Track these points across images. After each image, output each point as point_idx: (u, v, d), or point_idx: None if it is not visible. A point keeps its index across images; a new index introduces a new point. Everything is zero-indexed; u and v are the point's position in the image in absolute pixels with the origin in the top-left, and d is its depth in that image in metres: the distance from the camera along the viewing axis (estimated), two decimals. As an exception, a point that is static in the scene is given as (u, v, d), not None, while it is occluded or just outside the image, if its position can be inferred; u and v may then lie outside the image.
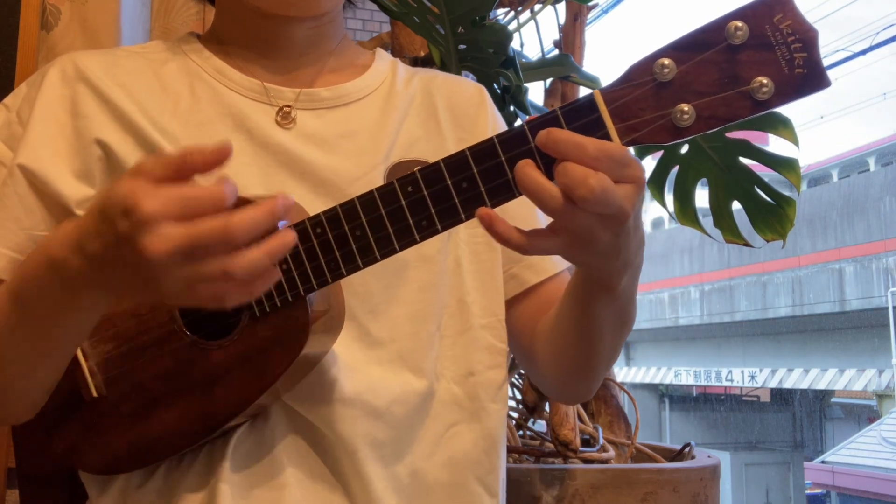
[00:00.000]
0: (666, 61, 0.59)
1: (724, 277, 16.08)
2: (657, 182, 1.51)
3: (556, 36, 1.71)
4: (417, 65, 1.53)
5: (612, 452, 1.46)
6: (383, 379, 0.81)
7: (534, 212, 0.86)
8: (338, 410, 0.78)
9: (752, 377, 16.28)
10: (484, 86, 0.97)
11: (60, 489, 0.85)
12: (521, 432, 1.59)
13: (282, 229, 0.59)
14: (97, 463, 0.79)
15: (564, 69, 1.53)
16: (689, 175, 1.46)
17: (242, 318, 0.72)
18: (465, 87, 0.95)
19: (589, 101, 0.61)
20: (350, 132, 0.85)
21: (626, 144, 0.61)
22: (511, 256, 0.90)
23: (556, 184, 0.60)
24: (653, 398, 17.92)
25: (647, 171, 1.50)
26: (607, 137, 0.61)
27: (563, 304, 0.80)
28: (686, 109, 0.59)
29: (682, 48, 0.59)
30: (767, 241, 1.45)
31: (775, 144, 1.46)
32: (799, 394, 16.37)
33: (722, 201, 1.45)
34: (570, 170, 0.59)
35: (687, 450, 1.52)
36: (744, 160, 1.42)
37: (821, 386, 15.09)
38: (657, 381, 18.07)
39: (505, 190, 0.63)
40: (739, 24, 0.58)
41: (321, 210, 0.68)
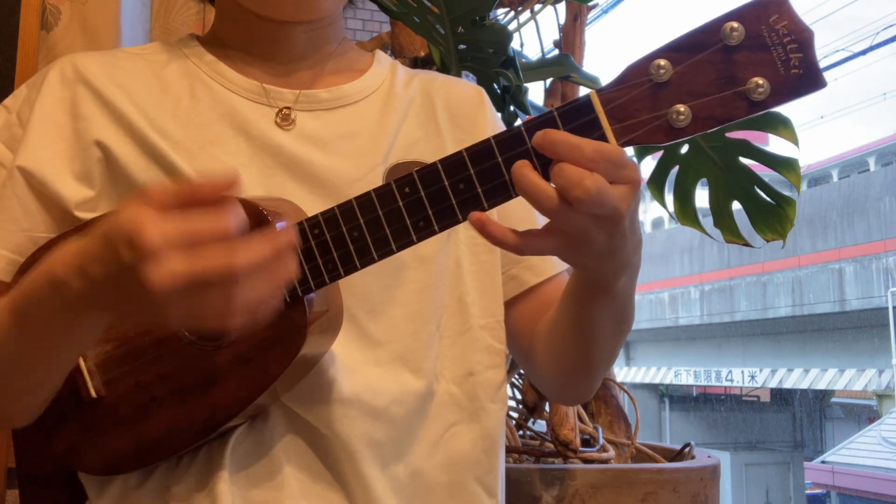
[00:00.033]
0: (662, 62, 0.59)
1: (724, 277, 16.08)
2: (657, 182, 1.51)
3: (556, 36, 1.71)
4: (417, 65, 1.53)
5: (612, 452, 1.46)
6: (382, 379, 0.81)
7: (532, 212, 0.86)
8: (337, 411, 0.78)
9: (752, 377, 16.27)
10: (484, 86, 0.97)
11: (60, 489, 0.85)
12: (521, 432, 1.59)
13: (285, 260, 0.59)
14: (96, 464, 0.79)
15: (564, 69, 1.53)
16: (689, 175, 1.46)
17: None
18: (464, 88, 0.95)
19: (585, 102, 0.61)
20: (349, 133, 0.85)
21: (623, 145, 0.61)
22: (510, 257, 0.90)
23: (552, 184, 0.60)
24: (653, 398, 17.91)
25: (647, 171, 1.50)
26: (604, 138, 0.61)
27: (562, 305, 0.80)
28: (682, 110, 0.59)
29: (678, 49, 0.59)
30: (767, 241, 1.45)
31: (775, 144, 1.46)
32: (799, 394, 16.36)
33: (722, 201, 1.45)
34: (565, 171, 0.59)
35: (687, 450, 1.52)
36: (744, 160, 1.42)
37: (821, 386, 15.09)
38: (657, 381, 18.06)
39: (502, 191, 0.63)
40: (735, 24, 0.58)
41: (320, 209, 0.68)
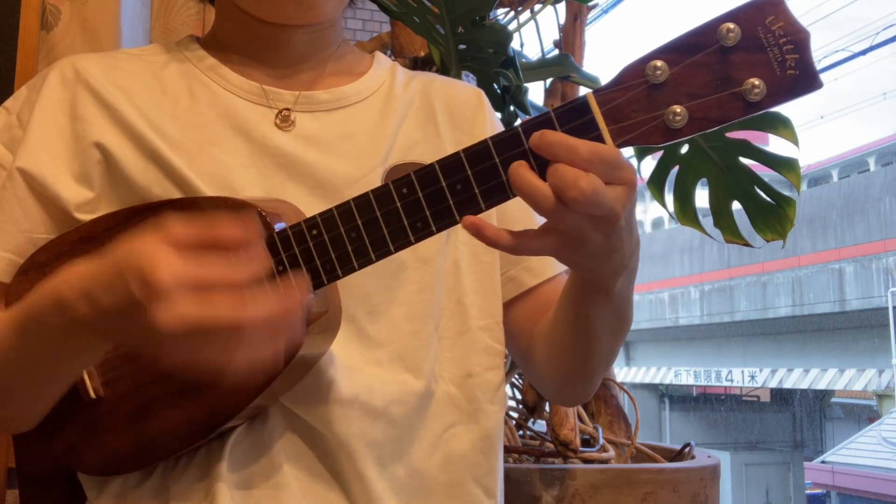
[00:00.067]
0: (658, 63, 0.59)
1: (724, 277, 16.07)
2: (657, 182, 1.51)
3: (556, 36, 1.71)
4: (417, 65, 1.53)
5: (612, 452, 1.46)
6: (381, 379, 0.81)
7: (531, 212, 0.86)
8: (336, 411, 0.78)
9: (752, 377, 16.27)
10: (484, 86, 0.98)
11: (60, 489, 0.85)
12: (521, 432, 1.59)
13: (294, 320, 0.59)
14: (96, 464, 0.79)
15: (564, 69, 1.53)
16: (689, 175, 1.46)
17: None
18: (463, 90, 0.95)
19: (582, 102, 0.61)
20: (348, 134, 0.85)
21: (619, 146, 0.61)
22: (509, 259, 0.90)
23: (548, 185, 0.60)
24: (653, 398, 17.91)
25: (647, 171, 1.50)
26: (600, 139, 0.61)
27: (560, 307, 0.80)
28: (678, 111, 0.60)
29: (675, 50, 0.60)
30: (767, 241, 1.45)
31: (775, 144, 1.46)
32: (799, 394, 16.36)
33: (722, 201, 1.45)
34: (561, 171, 0.59)
35: (687, 450, 1.52)
36: (744, 160, 1.42)
37: (821, 386, 15.08)
38: (657, 381, 18.06)
39: (499, 191, 0.63)
40: (731, 25, 0.58)
41: (318, 210, 0.68)
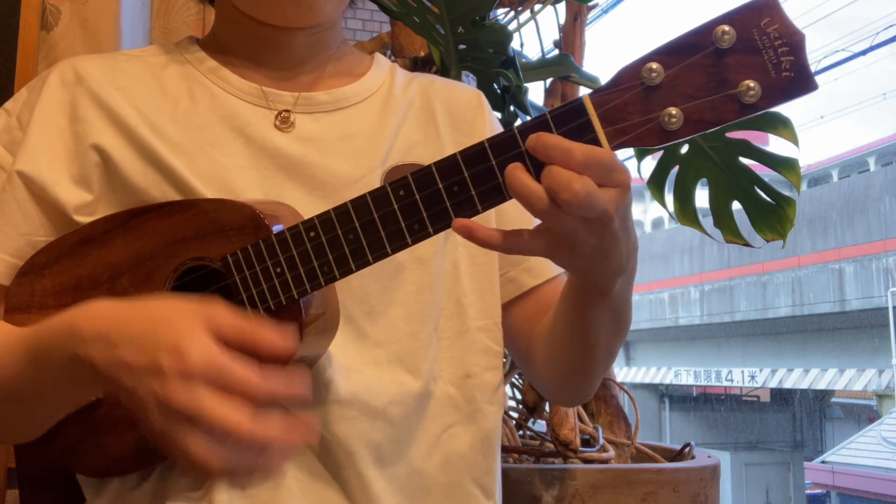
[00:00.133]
0: (654, 65, 0.60)
1: (724, 277, 16.07)
2: (657, 182, 1.51)
3: (556, 36, 1.71)
4: (417, 65, 1.53)
5: (612, 452, 1.46)
6: (380, 380, 0.81)
7: (528, 213, 0.86)
8: (335, 412, 0.78)
9: (752, 377, 16.27)
10: (484, 86, 0.98)
11: (60, 489, 0.85)
12: (521, 432, 1.59)
13: (284, 451, 0.59)
14: (94, 465, 0.79)
15: (564, 69, 1.53)
16: (689, 175, 1.46)
17: None
18: (463, 92, 0.96)
19: (578, 105, 0.61)
20: (348, 135, 0.85)
21: (615, 148, 0.61)
22: (509, 260, 0.90)
23: (542, 186, 0.60)
24: (653, 398, 17.91)
25: (647, 171, 1.50)
26: (596, 141, 0.61)
27: (559, 308, 0.80)
28: (674, 113, 0.60)
29: (670, 52, 0.60)
30: (767, 241, 1.45)
31: (775, 144, 1.46)
32: (799, 394, 16.36)
33: (722, 201, 1.45)
34: (554, 173, 0.59)
35: (687, 450, 1.52)
36: (744, 160, 1.42)
37: (821, 386, 15.08)
38: (657, 381, 18.06)
39: (496, 193, 0.63)
40: (727, 28, 0.58)
41: (318, 211, 0.68)
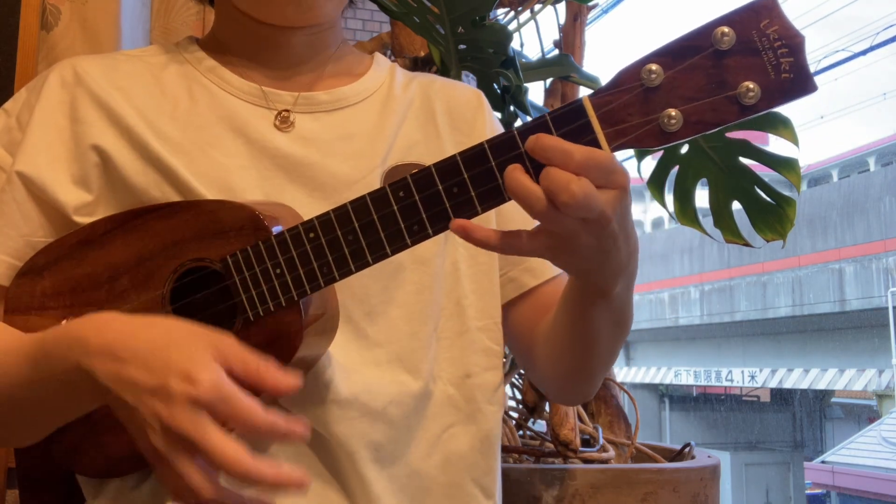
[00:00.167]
0: (653, 67, 0.60)
1: (724, 277, 16.07)
2: (657, 182, 1.51)
3: (556, 36, 1.71)
4: (417, 65, 1.53)
5: (612, 452, 1.46)
6: (380, 380, 0.81)
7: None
8: (335, 412, 0.78)
9: (752, 377, 16.26)
10: (484, 86, 0.98)
11: (60, 490, 0.85)
12: (521, 432, 1.59)
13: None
14: (94, 466, 0.79)
15: (564, 69, 1.53)
16: (689, 175, 1.46)
17: (236, 322, 0.72)
18: (462, 91, 0.95)
19: (577, 106, 0.61)
20: (347, 135, 0.85)
21: (614, 149, 0.61)
22: (510, 260, 0.90)
23: (541, 188, 0.60)
24: (653, 398, 17.90)
25: (647, 171, 1.50)
26: (595, 142, 0.61)
27: (559, 309, 0.80)
28: (673, 114, 0.60)
29: (670, 54, 0.60)
30: (767, 241, 1.45)
31: (775, 144, 1.46)
32: (799, 394, 16.35)
33: (722, 201, 1.45)
34: (553, 175, 0.59)
35: (687, 450, 1.52)
36: (744, 160, 1.42)
37: (821, 386, 15.08)
38: (657, 381, 18.06)
39: (495, 194, 0.63)
40: (726, 29, 0.58)
41: (318, 211, 0.68)
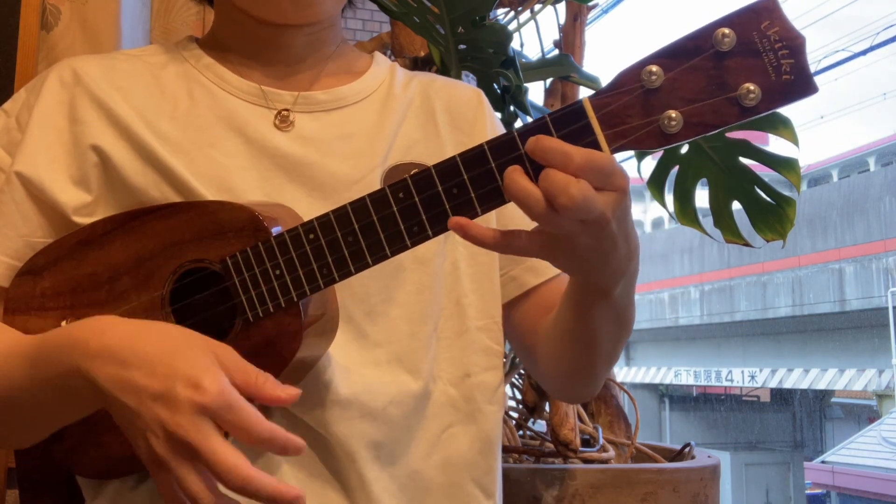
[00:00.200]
0: (654, 68, 0.59)
1: (724, 277, 16.07)
2: (657, 182, 1.51)
3: (556, 36, 1.71)
4: (417, 65, 1.53)
5: (612, 452, 1.46)
6: (380, 380, 0.81)
7: None
8: (335, 412, 0.78)
9: (752, 377, 16.26)
10: (484, 86, 0.97)
11: (60, 490, 0.85)
12: (521, 432, 1.59)
13: None
14: (94, 467, 0.79)
15: (564, 69, 1.53)
16: (689, 175, 1.46)
17: (236, 323, 0.72)
18: (463, 90, 0.95)
19: (578, 107, 0.61)
20: (347, 135, 0.85)
21: (614, 151, 0.61)
22: (510, 259, 0.90)
23: (540, 189, 0.60)
24: (653, 398, 17.90)
25: (647, 171, 1.50)
26: (595, 144, 0.61)
27: (560, 309, 0.80)
28: (674, 116, 0.59)
29: (670, 55, 0.60)
30: (767, 241, 1.45)
31: (775, 144, 1.46)
32: (799, 394, 16.35)
33: (722, 201, 1.45)
34: (552, 177, 0.59)
35: (687, 450, 1.52)
36: (744, 160, 1.42)
37: (821, 386, 15.08)
38: (657, 381, 18.06)
39: (495, 196, 0.63)
40: (727, 30, 0.58)
41: (318, 211, 0.68)
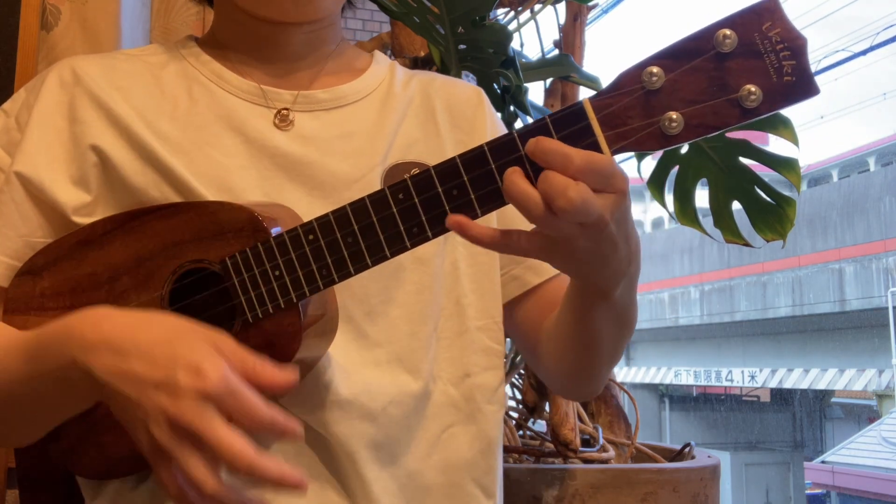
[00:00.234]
0: (654, 69, 0.59)
1: (724, 277, 16.07)
2: (657, 182, 1.51)
3: (556, 36, 1.71)
4: (417, 65, 1.53)
5: (612, 452, 1.46)
6: (380, 380, 0.81)
7: None
8: (335, 413, 0.78)
9: (752, 377, 16.26)
10: (484, 86, 0.97)
11: (60, 490, 0.85)
12: (521, 432, 1.59)
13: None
14: (93, 467, 0.79)
15: (564, 69, 1.53)
16: (689, 175, 1.46)
17: (236, 324, 0.72)
18: (463, 89, 0.95)
19: (578, 109, 0.61)
20: (347, 134, 0.85)
21: (615, 152, 0.61)
22: (512, 258, 0.89)
23: (538, 191, 0.60)
24: (653, 398, 17.90)
25: (647, 171, 1.50)
26: (596, 145, 0.61)
27: (562, 309, 0.80)
28: (674, 117, 0.59)
29: (671, 56, 0.59)
30: (767, 241, 1.45)
31: (775, 144, 1.46)
32: (799, 394, 16.35)
33: (722, 201, 1.45)
34: (550, 179, 0.59)
35: (687, 450, 1.52)
36: (744, 160, 1.42)
37: (821, 386, 15.08)
38: (657, 381, 18.06)
39: (495, 197, 0.63)
40: (728, 32, 0.58)
41: (318, 211, 0.68)
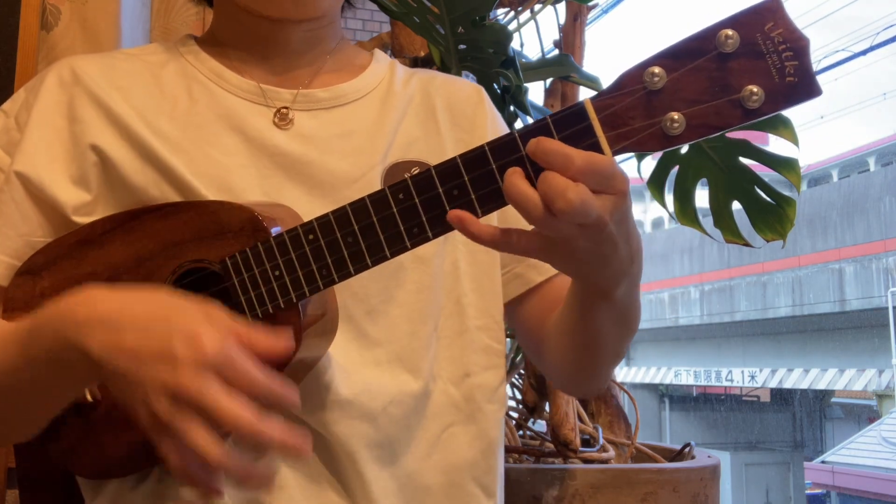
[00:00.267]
0: (656, 69, 0.59)
1: (724, 277, 16.07)
2: (657, 182, 1.51)
3: (556, 36, 1.71)
4: (417, 65, 1.53)
5: (612, 452, 1.46)
6: (380, 380, 0.80)
7: None
8: (335, 413, 0.78)
9: (752, 377, 16.27)
10: (484, 86, 0.97)
11: (60, 490, 0.85)
12: (521, 432, 1.59)
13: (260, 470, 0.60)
14: (93, 467, 0.79)
15: (564, 69, 1.53)
16: (689, 175, 1.47)
17: None
18: (463, 87, 0.95)
19: (579, 109, 0.61)
20: (347, 132, 0.85)
21: (616, 153, 0.61)
22: (514, 256, 0.89)
23: (538, 192, 0.60)
24: (653, 398, 17.91)
25: (647, 171, 1.50)
26: (597, 145, 0.60)
27: (563, 309, 0.80)
28: (676, 118, 0.59)
29: (673, 56, 0.59)
30: (767, 241, 1.45)
31: (775, 144, 1.46)
32: (799, 394, 16.36)
33: (722, 201, 1.45)
34: (550, 180, 0.59)
35: (687, 450, 1.52)
36: (744, 160, 1.42)
37: (821, 386, 15.08)
38: (657, 381, 18.06)
39: (495, 197, 0.63)
40: (730, 32, 0.57)
41: (318, 210, 0.68)
